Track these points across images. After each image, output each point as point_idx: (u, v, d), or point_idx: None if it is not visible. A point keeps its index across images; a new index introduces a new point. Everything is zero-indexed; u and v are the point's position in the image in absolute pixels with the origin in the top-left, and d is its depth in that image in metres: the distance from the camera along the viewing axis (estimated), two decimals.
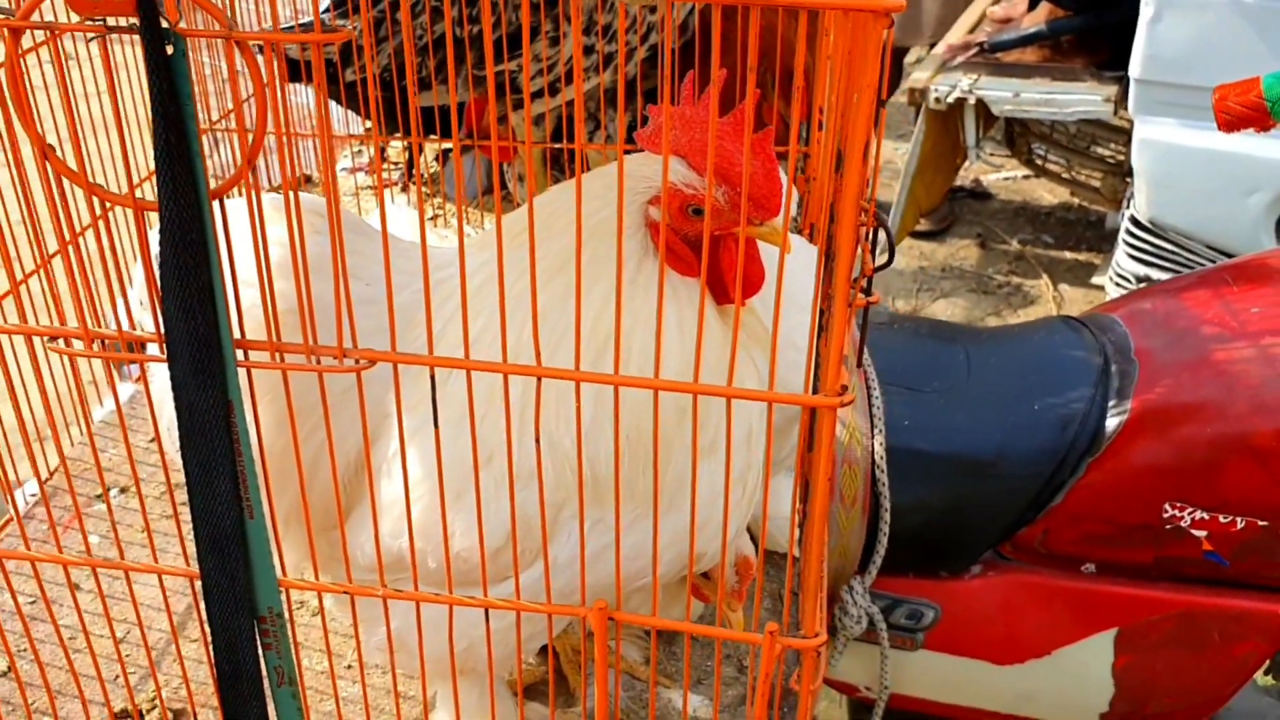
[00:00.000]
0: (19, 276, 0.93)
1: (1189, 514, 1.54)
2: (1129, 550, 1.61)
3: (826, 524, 0.82)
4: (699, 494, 0.83)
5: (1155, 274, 3.71)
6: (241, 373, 0.80)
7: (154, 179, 0.73)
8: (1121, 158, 4.57)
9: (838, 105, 0.93)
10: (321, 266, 0.77)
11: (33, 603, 1.20)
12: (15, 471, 1.14)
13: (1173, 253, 3.64)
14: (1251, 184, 3.42)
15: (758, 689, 0.88)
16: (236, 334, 0.78)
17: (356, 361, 0.79)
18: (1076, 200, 5.58)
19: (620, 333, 0.75)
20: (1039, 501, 1.62)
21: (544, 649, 1.14)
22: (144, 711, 1.07)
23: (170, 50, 0.68)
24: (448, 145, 2.13)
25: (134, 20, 0.67)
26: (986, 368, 1.71)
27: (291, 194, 0.74)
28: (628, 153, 0.92)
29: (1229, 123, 1.78)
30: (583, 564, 0.86)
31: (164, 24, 0.66)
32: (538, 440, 0.81)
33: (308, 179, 2.10)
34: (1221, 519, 1.53)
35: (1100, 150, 4.70)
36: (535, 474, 0.83)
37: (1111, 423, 1.59)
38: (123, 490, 1.39)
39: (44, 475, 1.39)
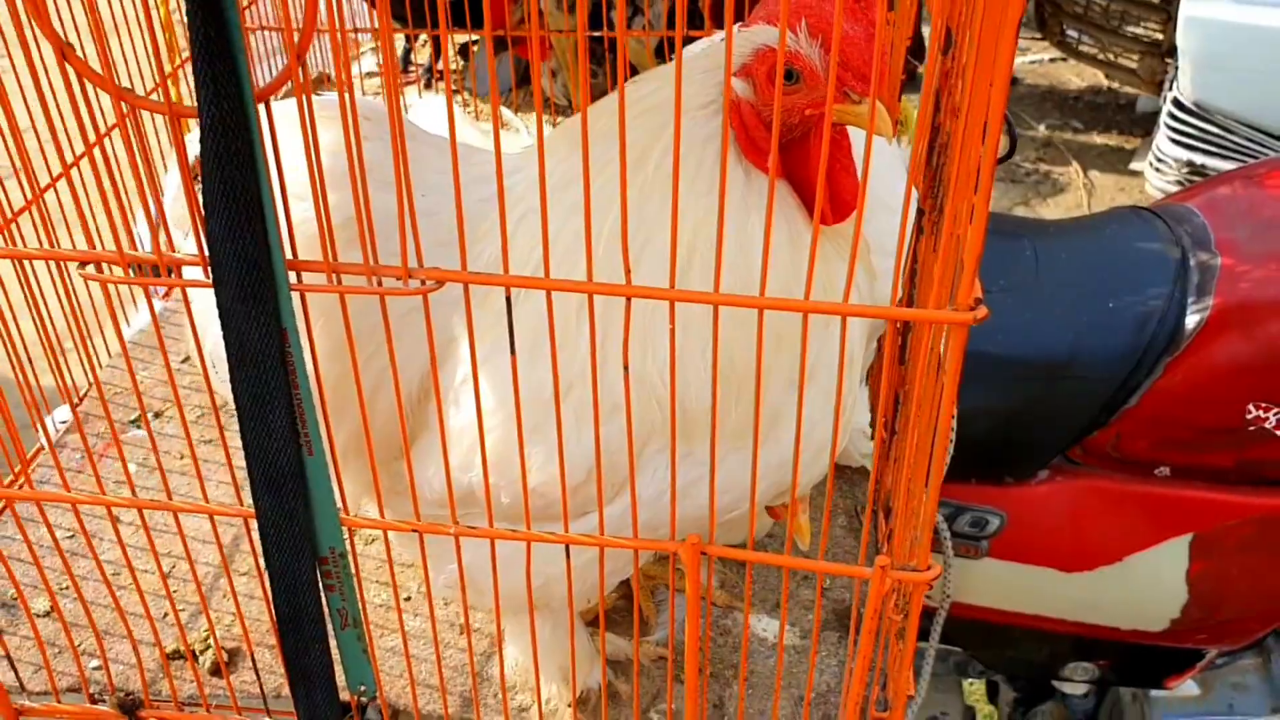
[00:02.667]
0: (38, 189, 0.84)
1: (1274, 414, 1.47)
2: (1208, 453, 1.54)
3: (946, 452, 0.74)
4: (798, 422, 0.75)
5: (1199, 159, 3.58)
6: (295, 297, 0.72)
7: (189, 80, 0.64)
8: (1160, 37, 4.39)
9: None
10: (375, 176, 0.68)
11: (71, 537, 1.14)
12: (43, 396, 1.07)
13: (1219, 136, 3.50)
14: None
15: (863, 625, 0.82)
16: (288, 254, 0.70)
17: (423, 283, 0.70)
18: (1106, 84, 5.40)
19: (720, 247, 0.67)
20: (1113, 404, 1.54)
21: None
22: (197, 652, 1.02)
23: None
24: (474, 37, 2.01)
25: None
26: (1056, 264, 1.61)
27: (345, 93, 0.64)
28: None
29: None
30: (673, 498, 0.79)
31: None
32: (626, 368, 0.73)
33: (327, 77, 1.98)
34: None
35: (1137, 30, 4.51)
36: (620, 406, 0.75)
37: (1191, 320, 1.50)
38: (157, 415, 1.32)
39: (74, 400, 1.32)
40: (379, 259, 0.70)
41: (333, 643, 0.88)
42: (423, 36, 2.04)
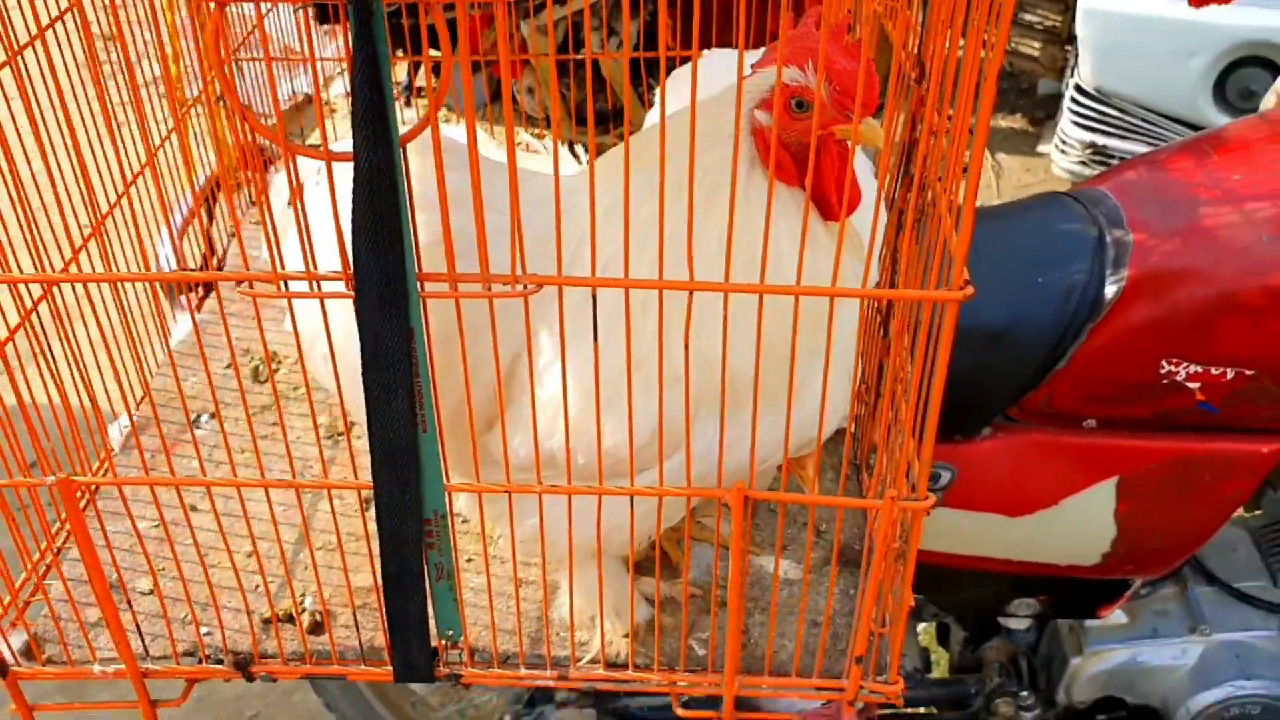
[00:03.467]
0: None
1: (1184, 369, 1.69)
2: (1128, 405, 1.76)
3: (939, 404, 0.94)
4: (816, 388, 0.94)
5: (1101, 140, 3.86)
6: (420, 302, 0.88)
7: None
8: (1059, 26, 4.68)
9: None
10: (455, 201, 0.85)
11: (155, 526, 1.28)
12: (110, 404, 1.21)
13: (1117, 118, 3.78)
14: (1191, 48, 3.55)
15: (875, 549, 1.00)
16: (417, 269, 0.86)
17: (525, 286, 0.87)
18: (1009, 69, 5.69)
19: (766, 247, 0.85)
20: (1044, 367, 1.76)
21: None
22: (294, 616, 1.17)
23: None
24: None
25: None
26: (990, 246, 1.82)
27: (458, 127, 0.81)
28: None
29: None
30: (721, 453, 0.97)
31: None
32: (686, 347, 0.91)
33: (308, 98, 2.12)
34: (1213, 371, 1.68)
35: (1037, 19, 4.80)
36: (679, 378, 0.93)
37: (1110, 290, 1.72)
38: (213, 415, 1.46)
39: (133, 406, 1.45)
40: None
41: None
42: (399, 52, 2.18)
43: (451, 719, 2.72)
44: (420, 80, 2.16)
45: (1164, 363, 1.70)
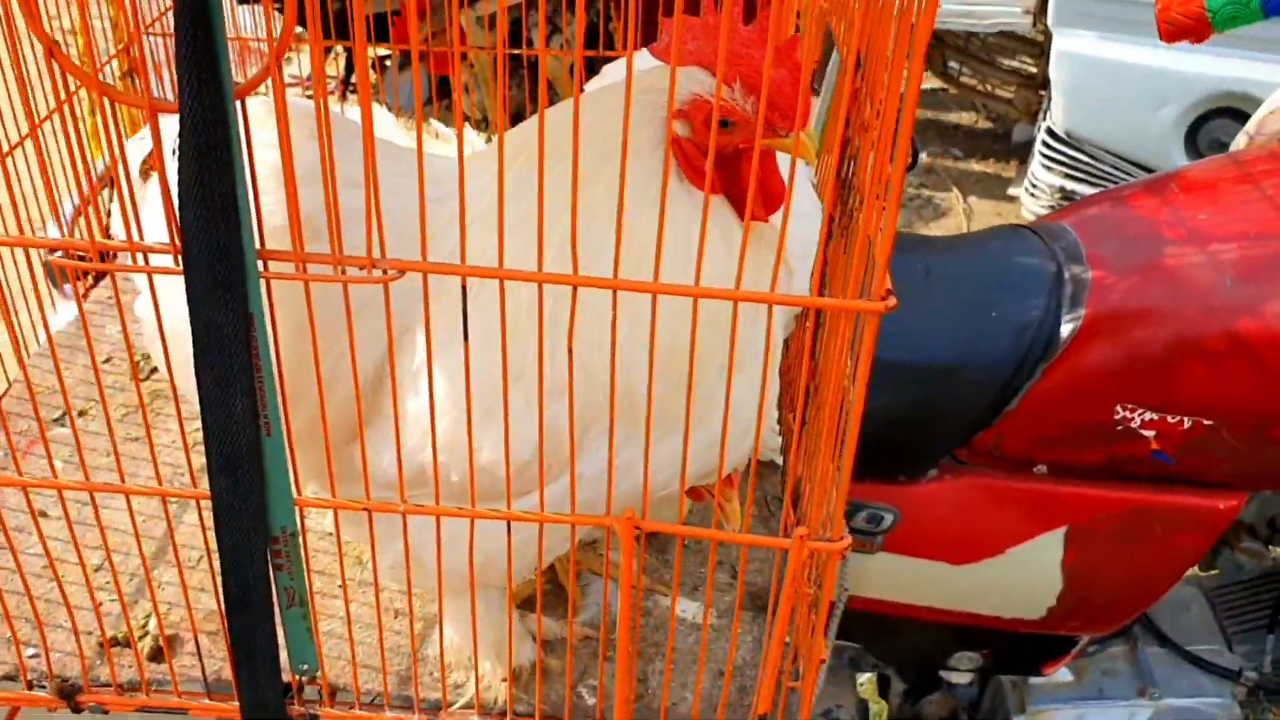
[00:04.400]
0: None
1: (1139, 414, 1.60)
2: (1080, 451, 1.66)
3: (858, 428, 0.83)
4: (726, 404, 0.83)
5: (1070, 185, 3.80)
6: (261, 284, 0.76)
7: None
8: (1034, 71, 4.64)
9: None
10: (313, 175, 0.73)
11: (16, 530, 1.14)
12: None
13: (1087, 164, 3.72)
14: (1162, 97, 3.50)
15: (781, 593, 0.89)
16: (258, 244, 0.75)
17: (385, 272, 0.76)
18: (984, 113, 5.66)
19: (659, 241, 0.74)
20: (995, 406, 1.66)
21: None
22: (136, 638, 1.04)
23: None
24: (384, 52, 2.06)
25: None
26: (944, 277, 1.73)
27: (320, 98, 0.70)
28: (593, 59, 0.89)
29: (1171, 33, 1.80)
30: (610, 477, 0.85)
31: None
32: (570, 353, 0.80)
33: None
34: (1170, 419, 1.59)
35: (1013, 63, 4.76)
36: (566, 390, 0.81)
37: (1066, 328, 1.62)
38: (81, 413, 1.33)
39: None
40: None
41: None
42: (336, 49, 2.07)
43: None
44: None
45: (1119, 408, 1.60)
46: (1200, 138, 3.55)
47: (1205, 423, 1.58)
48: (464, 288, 0.76)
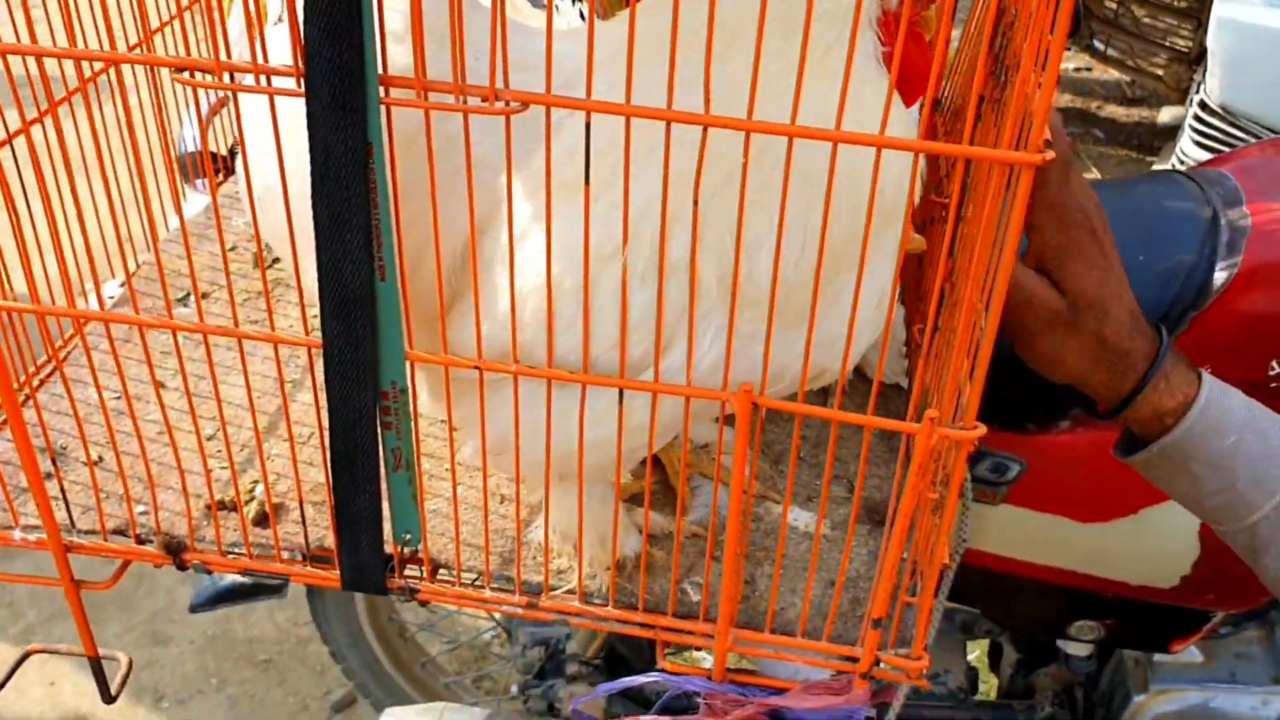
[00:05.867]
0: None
1: None
2: None
3: (1001, 307, 0.77)
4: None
5: None
6: (381, 111, 0.74)
7: None
8: (1188, 46, 4.42)
9: None
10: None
11: (117, 398, 1.16)
12: (94, 271, 1.08)
13: (1242, 139, 3.52)
14: None
15: (907, 482, 0.84)
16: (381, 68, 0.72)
17: (507, 104, 0.73)
18: (1131, 92, 5.43)
19: (798, 85, 0.69)
20: None
21: (643, 462, 1.09)
22: (244, 503, 1.04)
23: None
24: None
25: None
26: None
27: None
28: None
29: None
30: (729, 347, 0.81)
31: None
32: (696, 203, 0.75)
33: None
34: None
35: (1164, 39, 4.55)
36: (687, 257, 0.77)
37: (1220, 276, 1.52)
38: (204, 295, 1.34)
39: (120, 278, 1.34)
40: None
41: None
42: None
43: (462, 685, 2.59)
44: None
45: (1274, 363, 1.49)
46: None
47: None
48: (588, 124, 0.73)
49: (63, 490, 1.02)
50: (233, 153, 1.53)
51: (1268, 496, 1.08)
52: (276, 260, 1.36)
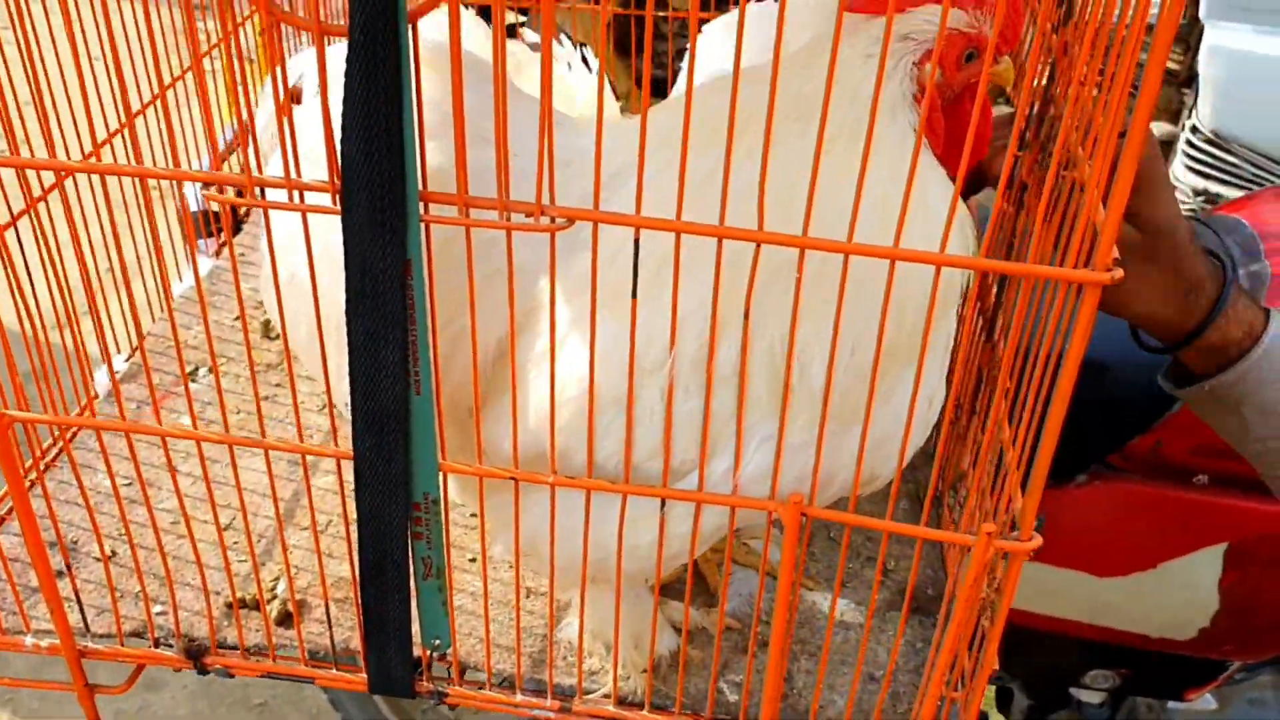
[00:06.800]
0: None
1: None
2: (1246, 463, 1.54)
3: (1060, 421, 0.74)
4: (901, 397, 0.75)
5: (1215, 188, 3.60)
6: (421, 227, 0.71)
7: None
8: (1178, 68, 4.41)
9: None
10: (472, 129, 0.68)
11: (129, 484, 1.12)
12: (100, 345, 1.05)
13: (1235, 166, 3.52)
14: None
15: (958, 595, 0.81)
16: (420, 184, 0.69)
17: (553, 220, 0.70)
18: None
19: (858, 200, 0.66)
20: (1155, 410, 1.55)
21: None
22: (266, 600, 1.00)
23: None
24: None
25: None
26: None
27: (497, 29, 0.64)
28: None
29: None
30: (778, 461, 0.78)
31: None
32: (747, 316, 0.73)
33: None
34: None
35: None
36: (737, 369, 0.75)
37: None
38: (211, 370, 1.30)
39: (126, 353, 1.30)
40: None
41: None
42: None
43: None
44: None
45: None
46: None
47: None
48: (636, 240, 0.70)
49: (76, 592, 0.98)
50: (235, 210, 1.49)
51: None
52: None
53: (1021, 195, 0.91)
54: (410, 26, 0.64)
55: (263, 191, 0.71)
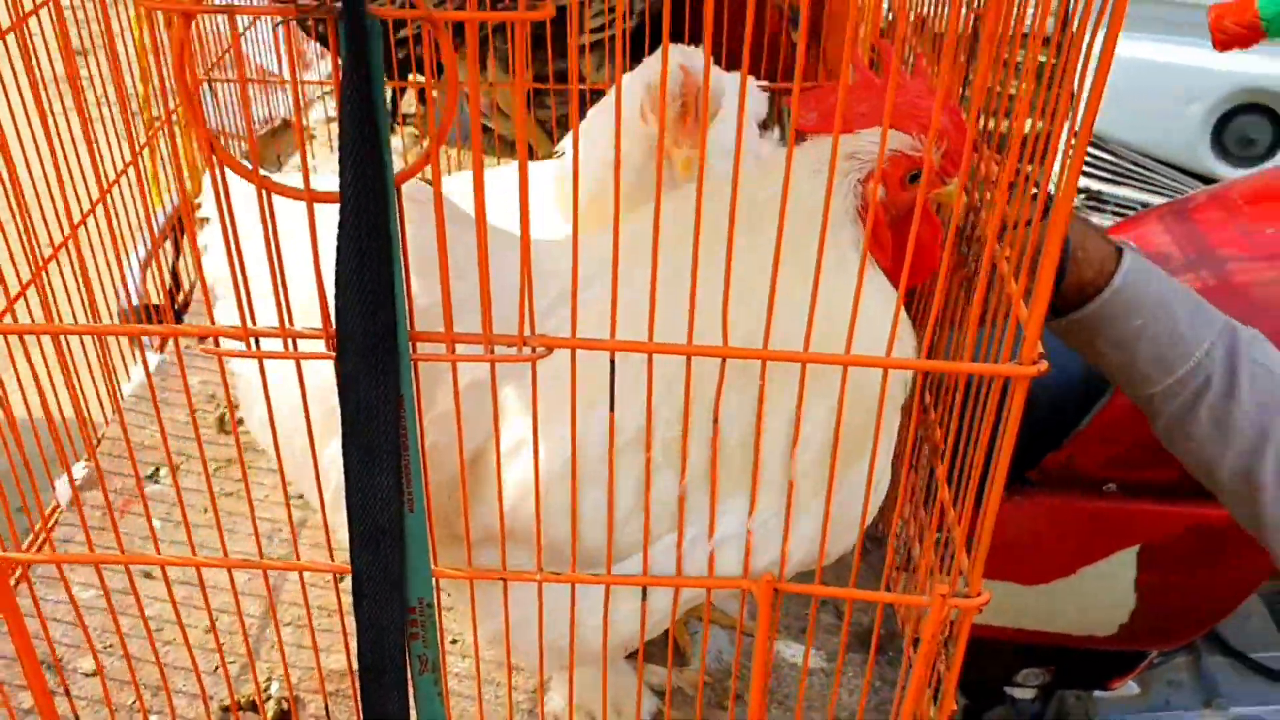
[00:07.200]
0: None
1: None
2: (1152, 470, 1.65)
3: (1001, 491, 0.83)
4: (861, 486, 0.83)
5: (1096, 185, 3.78)
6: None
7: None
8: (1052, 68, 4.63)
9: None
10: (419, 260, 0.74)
11: (101, 597, 1.15)
12: (45, 466, 1.08)
13: (1114, 164, 3.71)
14: (1189, 95, 3.49)
15: (919, 650, 0.89)
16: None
17: (534, 350, 0.76)
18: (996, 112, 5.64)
19: (812, 312, 0.74)
20: (1065, 427, 1.66)
21: None
22: (258, 703, 1.04)
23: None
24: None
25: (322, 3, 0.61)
26: None
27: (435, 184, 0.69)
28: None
29: (1224, 42, 1.79)
30: (749, 545, 0.85)
31: (363, 9, 0.61)
32: (716, 420, 0.80)
33: (285, 123, 2.00)
34: None
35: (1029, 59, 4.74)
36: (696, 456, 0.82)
37: None
38: (177, 469, 1.33)
39: (80, 463, 1.32)
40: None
41: None
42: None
43: None
44: (406, 107, 2.05)
45: None
46: (1227, 135, 3.54)
47: None
48: (612, 360, 0.76)
49: (75, 712, 1.00)
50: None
51: (1166, 374, 1.17)
52: (240, 421, 1.36)
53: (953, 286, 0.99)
54: (396, 190, 0.69)
55: (257, 341, 0.76)
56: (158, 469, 1.33)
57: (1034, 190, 0.80)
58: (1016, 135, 0.79)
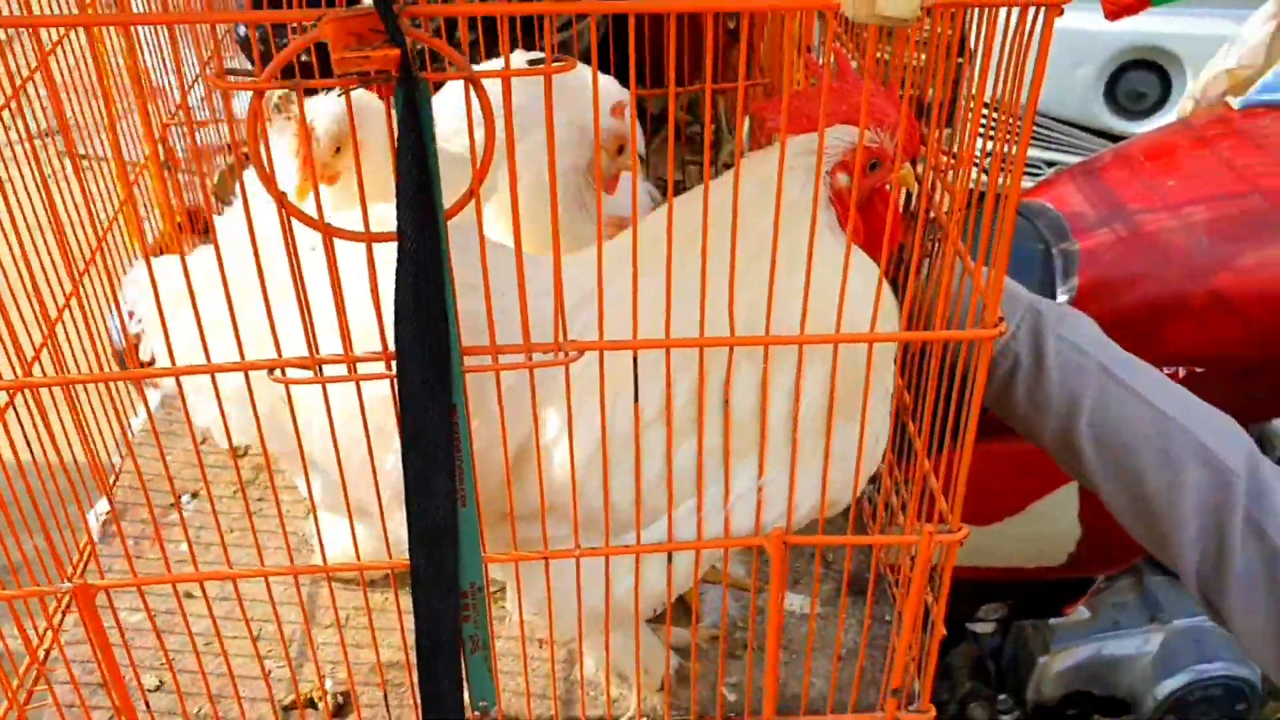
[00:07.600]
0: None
1: None
2: None
3: (973, 439, 0.95)
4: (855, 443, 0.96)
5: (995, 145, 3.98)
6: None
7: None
8: (949, 37, 4.82)
9: None
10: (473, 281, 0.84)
11: (160, 617, 1.22)
12: (77, 500, 1.15)
13: (1016, 125, 3.90)
14: (1078, 58, 3.69)
15: (914, 582, 1.02)
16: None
17: (567, 354, 0.86)
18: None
19: (806, 297, 0.86)
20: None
21: None
22: (318, 699, 1.13)
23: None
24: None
25: (384, 71, 0.71)
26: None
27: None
28: None
29: (1115, 12, 1.95)
30: (759, 505, 0.97)
31: (417, 74, 0.71)
32: (727, 403, 0.91)
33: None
34: (1164, 370, 1.74)
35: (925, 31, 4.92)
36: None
37: (1063, 299, 1.77)
38: (194, 495, 1.41)
39: (111, 486, 1.39)
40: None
41: None
42: None
43: None
44: None
45: None
46: (1119, 90, 3.75)
47: (1196, 370, 1.74)
48: (635, 358, 0.87)
49: None
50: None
51: None
52: (249, 448, 1.44)
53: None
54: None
55: (320, 368, 0.85)
56: (180, 496, 1.40)
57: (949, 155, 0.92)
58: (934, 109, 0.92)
